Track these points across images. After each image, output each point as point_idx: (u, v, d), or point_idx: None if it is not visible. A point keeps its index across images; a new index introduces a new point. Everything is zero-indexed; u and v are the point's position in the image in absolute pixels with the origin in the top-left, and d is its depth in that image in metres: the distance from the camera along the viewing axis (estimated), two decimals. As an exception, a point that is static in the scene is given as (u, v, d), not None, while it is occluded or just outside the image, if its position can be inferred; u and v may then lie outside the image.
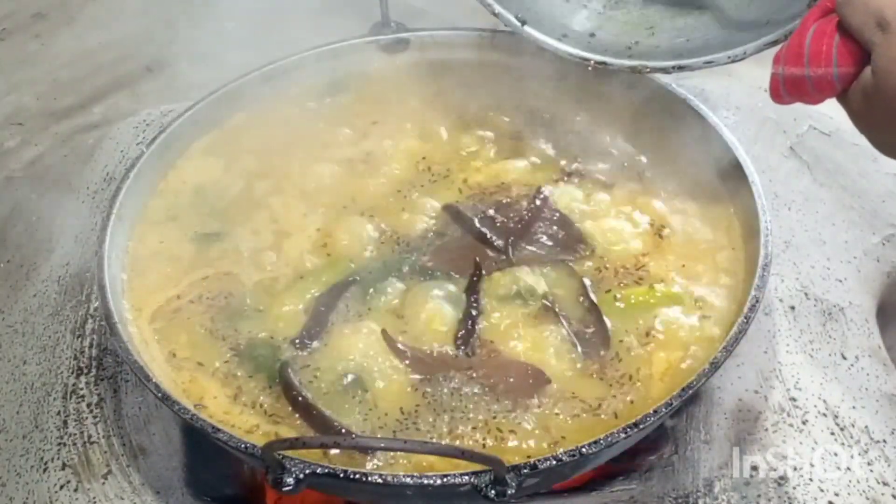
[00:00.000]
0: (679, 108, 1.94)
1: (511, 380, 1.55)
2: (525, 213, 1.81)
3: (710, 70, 1.74)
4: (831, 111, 2.52)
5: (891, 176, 2.30)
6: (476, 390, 1.54)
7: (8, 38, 3.18)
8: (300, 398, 1.52)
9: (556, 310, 1.65)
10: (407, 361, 1.58)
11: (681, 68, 1.78)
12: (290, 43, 2.23)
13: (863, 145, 1.86)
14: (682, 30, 1.87)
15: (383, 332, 1.61)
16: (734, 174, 1.79)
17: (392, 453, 1.44)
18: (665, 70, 1.80)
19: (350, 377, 1.56)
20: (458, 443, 1.47)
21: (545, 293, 1.68)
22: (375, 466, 1.43)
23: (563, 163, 1.96)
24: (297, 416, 1.51)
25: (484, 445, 1.47)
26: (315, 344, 1.61)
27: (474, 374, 1.55)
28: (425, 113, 2.10)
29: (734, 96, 2.47)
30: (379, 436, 1.47)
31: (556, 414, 1.51)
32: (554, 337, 1.61)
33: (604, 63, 1.83)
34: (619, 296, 1.68)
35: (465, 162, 1.96)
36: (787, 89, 1.41)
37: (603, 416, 1.51)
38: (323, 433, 1.47)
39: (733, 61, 1.70)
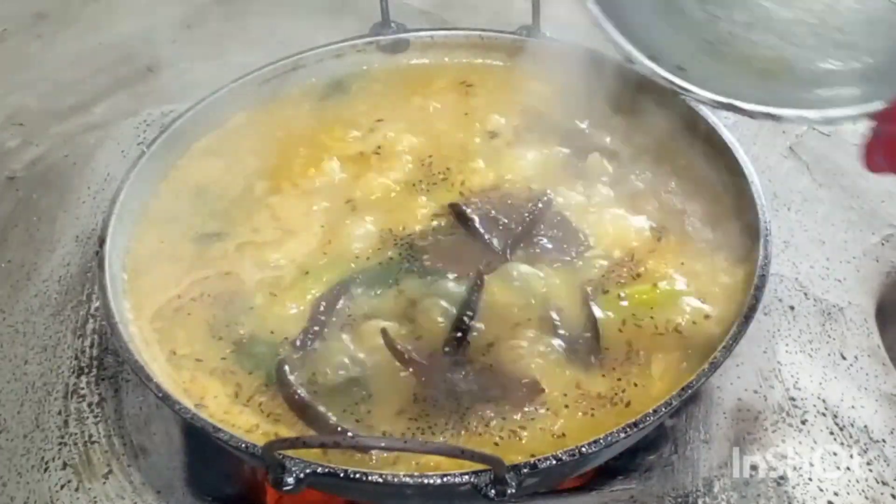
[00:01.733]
0: (679, 109, 1.94)
1: (505, 388, 1.54)
2: (527, 215, 1.81)
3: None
4: (830, 111, 2.52)
5: (891, 177, 2.30)
6: (473, 390, 1.53)
7: (9, 39, 3.18)
8: (297, 396, 1.52)
9: (551, 314, 1.66)
10: (404, 363, 1.58)
11: (771, 116, 1.67)
12: (291, 43, 2.23)
13: (862, 146, 1.85)
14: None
15: (383, 331, 1.61)
16: (734, 174, 1.80)
17: (397, 452, 1.44)
18: (751, 115, 1.72)
19: (349, 376, 1.56)
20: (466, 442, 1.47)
21: (541, 296, 1.68)
22: (376, 464, 1.43)
23: (564, 163, 1.96)
24: (295, 415, 1.51)
25: (498, 444, 1.47)
26: (314, 343, 1.61)
27: (472, 383, 1.55)
28: (425, 113, 2.10)
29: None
30: (378, 435, 1.48)
31: (554, 414, 1.51)
32: (547, 340, 1.61)
33: (687, 90, 1.72)
34: (622, 294, 1.68)
35: (465, 163, 1.96)
36: (885, 151, 1.30)
37: (603, 415, 1.51)
38: (321, 432, 1.47)
39: (828, 123, 1.60)
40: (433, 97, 2.14)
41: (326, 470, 1.29)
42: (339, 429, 1.47)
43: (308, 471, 1.26)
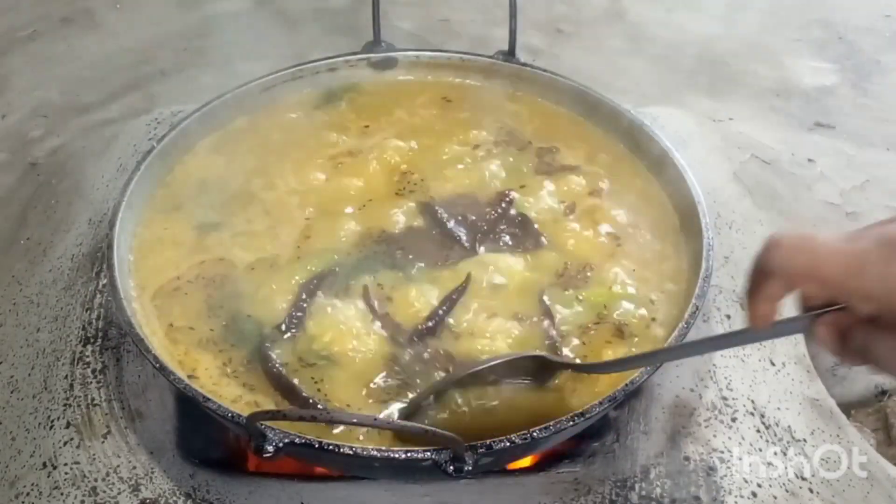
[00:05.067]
0: (636, 133, 1.95)
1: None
2: (492, 213, 1.82)
3: (666, 100, 1.73)
4: (772, 142, 2.54)
5: (823, 203, 2.31)
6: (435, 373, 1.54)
7: (38, 39, 3.18)
8: (275, 370, 1.52)
9: (513, 305, 1.66)
10: (380, 323, 1.60)
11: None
12: (291, 56, 2.23)
13: (799, 174, 1.85)
14: None
15: (364, 287, 1.64)
16: (683, 194, 1.80)
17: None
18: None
19: (324, 355, 1.56)
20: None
21: (505, 287, 1.69)
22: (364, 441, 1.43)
23: (533, 177, 1.95)
24: (271, 386, 1.52)
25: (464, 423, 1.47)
26: (296, 324, 1.60)
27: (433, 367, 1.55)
28: (408, 124, 2.10)
29: (686, 124, 2.48)
30: (351, 411, 1.47)
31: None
32: (512, 329, 1.61)
33: None
34: (580, 297, 1.68)
35: (441, 170, 1.95)
36: None
37: (555, 399, 1.51)
38: (294, 404, 1.48)
39: None
40: (416, 110, 2.14)
41: (303, 441, 1.29)
42: (310, 401, 1.47)
43: (287, 440, 1.27)
